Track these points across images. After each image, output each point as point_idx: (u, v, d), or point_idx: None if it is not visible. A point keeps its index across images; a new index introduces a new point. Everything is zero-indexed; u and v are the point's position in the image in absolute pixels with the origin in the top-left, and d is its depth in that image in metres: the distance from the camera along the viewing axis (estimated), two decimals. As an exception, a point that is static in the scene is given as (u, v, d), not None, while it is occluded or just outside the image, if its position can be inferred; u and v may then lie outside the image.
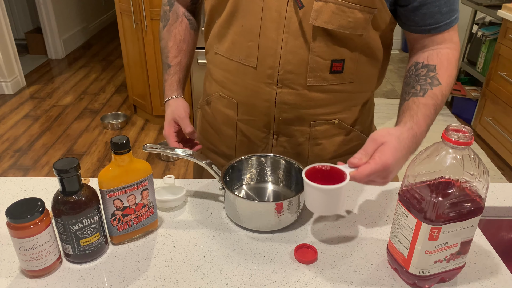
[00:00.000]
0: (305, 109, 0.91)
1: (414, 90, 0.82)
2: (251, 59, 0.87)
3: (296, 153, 0.97)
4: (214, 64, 0.96)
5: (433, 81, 0.82)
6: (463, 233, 0.65)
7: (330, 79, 0.87)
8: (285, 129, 0.94)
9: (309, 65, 0.85)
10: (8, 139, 3.07)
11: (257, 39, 0.85)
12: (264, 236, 0.80)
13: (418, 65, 0.86)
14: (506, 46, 2.74)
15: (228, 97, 0.96)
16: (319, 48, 0.84)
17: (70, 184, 0.67)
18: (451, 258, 0.67)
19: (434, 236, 0.64)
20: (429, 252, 0.65)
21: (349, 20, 0.81)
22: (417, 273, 0.68)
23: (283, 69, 0.86)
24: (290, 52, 0.84)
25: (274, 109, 0.91)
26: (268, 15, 0.82)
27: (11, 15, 4.57)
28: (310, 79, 0.86)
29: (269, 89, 0.88)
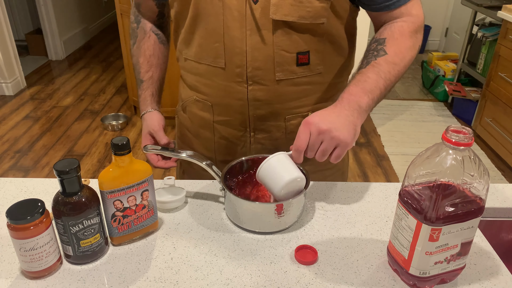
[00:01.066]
0: (278, 104, 0.92)
1: (361, 65, 0.85)
2: (219, 60, 0.88)
3: (274, 148, 0.98)
4: (186, 69, 0.97)
5: (379, 53, 0.84)
6: (464, 234, 0.65)
7: (298, 72, 0.89)
8: (261, 125, 0.95)
9: (275, 59, 0.86)
10: (9, 140, 3.07)
11: (222, 40, 0.86)
12: (265, 237, 0.80)
13: (372, 41, 0.89)
14: (506, 47, 2.74)
15: (202, 100, 0.97)
16: (283, 42, 0.85)
17: (70, 185, 0.67)
18: (452, 259, 0.67)
19: (435, 237, 0.64)
20: (430, 253, 0.65)
21: (307, 10, 0.82)
22: (417, 274, 0.67)
23: (251, 67, 0.87)
24: (255, 49, 0.85)
25: (247, 107, 0.92)
26: (229, 15, 0.83)
27: (11, 16, 4.57)
28: (279, 74, 0.88)
29: (240, 88, 0.89)
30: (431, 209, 0.62)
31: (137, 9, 1.05)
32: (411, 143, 3.05)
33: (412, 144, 3.03)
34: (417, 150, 2.91)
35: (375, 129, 3.25)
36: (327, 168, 1.04)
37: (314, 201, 0.89)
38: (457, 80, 3.56)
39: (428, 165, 0.64)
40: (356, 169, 2.75)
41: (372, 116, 3.46)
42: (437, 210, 0.62)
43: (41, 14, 4.40)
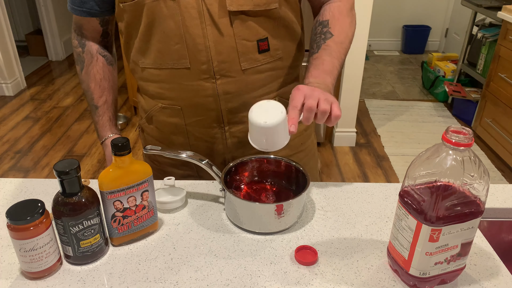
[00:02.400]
0: (247, 94, 0.93)
1: (312, 50, 0.92)
2: (183, 61, 0.88)
3: None
4: (145, 79, 0.96)
5: (326, 35, 0.91)
6: (464, 235, 0.65)
7: (261, 59, 0.91)
8: (234, 118, 0.96)
9: (238, 50, 0.87)
10: (9, 140, 3.07)
11: (183, 40, 0.86)
12: (264, 237, 0.80)
13: (316, 24, 0.95)
14: (506, 47, 2.74)
15: (170, 106, 0.96)
16: (242, 31, 0.87)
17: (70, 185, 0.67)
18: (452, 260, 0.67)
19: (435, 238, 0.64)
20: (430, 254, 0.65)
21: None
22: (417, 275, 0.67)
23: (216, 60, 0.87)
24: (217, 43, 0.86)
25: (219, 102, 0.92)
26: (187, 14, 0.84)
27: (11, 17, 4.58)
28: (244, 63, 0.89)
29: (208, 84, 0.90)
30: (431, 209, 0.62)
31: (79, 32, 1.01)
32: (411, 143, 3.05)
33: (412, 144, 3.03)
34: (417, 150, 2.91)
35: (375, 129, 3.25)
36: (300, 151, 1.06)
37: (314, 201, 0.89)
38: (457, 81, 3.56)
39: (428, 165, 0.64)
40: (356, 169, 2.75)
41: (372, 116, 3.46)
42: (437, 210, 0.62)
43: (41, 15, 4.41)
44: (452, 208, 0.62)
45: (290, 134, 0.77)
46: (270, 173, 0.93)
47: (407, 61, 4.71)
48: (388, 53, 4.92)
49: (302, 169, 0.87)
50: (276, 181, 0.93)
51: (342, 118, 2.92)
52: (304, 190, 0.81)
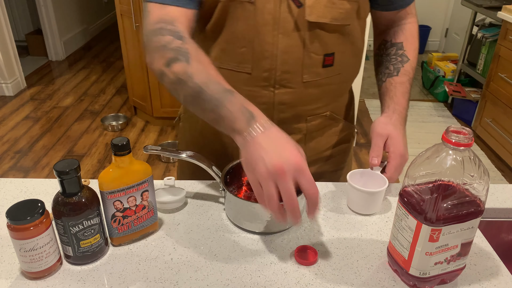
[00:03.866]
0: (301, 106, 0.92)
1: (389, 71, 0.94)
2: (245, 65, 0.86)
3: None
4: None
5: (403, 59, 0.94)
6: (464, 235, 0.65)
7: (322, 74, 0.89)
8: (283, 128, 0.92)
9: (304, 62, 0.86)
10: (9, 140, 3.07)
11: (250, 45, 0.84)
12: (264, 237, 0.80)
13: (387, 44, 0.98)
14: (506, 47, 2.74)
15: None
16: (313, 44, 0.85)
17: (70, 185, 0.67)
18: (452, 260, 0.67)
19: (435, 238, 0.64)
20: (430, 254, 0.65)
21: (340, 11, 0.83)
22: (417, 275, 0.67)
23: (280, 70, 0.86)
24: (285, 52, 0.84)
25: (272, 111, 0.91)
26: (261, 19, 0.82)
27: (11, 17, 4.58)
28: (306, 76, 0.88)
29: (266, 92, 0.88)
30: (431, 209, 0.62)
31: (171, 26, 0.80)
32: (411, 143, 3.05)
33: (412, 144, 3.04)
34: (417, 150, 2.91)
35: (375, 129, 3.25)
36: (340, 168, 1.07)
37: (314, 201, 0.89)
38: (457, 81, 3.56)
39: (428, 165, 0.64)
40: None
41: (372, 116, 3.46)
42: (437, 210, 0.62)
43: (41, 15, 4.41)
44: (452, 208, 0.62)
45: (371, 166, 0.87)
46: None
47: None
48: (388, 53, 4.91)
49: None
50: (276, 181, 0.93)
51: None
52: (304, 190, 0.81)
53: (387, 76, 0.94)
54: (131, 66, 3.19)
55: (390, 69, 0.94)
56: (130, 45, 3.07)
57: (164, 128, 3.28)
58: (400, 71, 0.93)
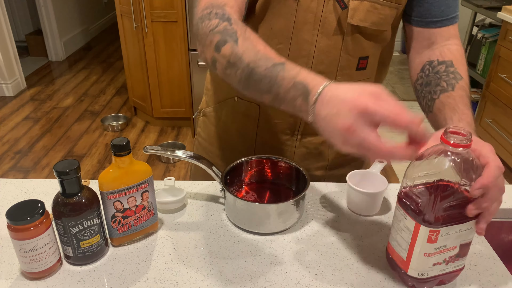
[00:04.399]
0: None
1: (441, 87, 0.81)
2: None
3: (318, 153, 0.97)
4: None
5: (456, 76, 0.82)
6: (462, 236, 0.65)
7: (355, 76, 0.89)
8: (309, 129, 0.94)
9: (339, 63, 0.85)
10: (9, 141, 3.07)
11: (288, 42, 0.84)
12: (265, 238, 0.80)
13: (433, 63, 0.85)
14: (506, 48, 2.74)
15: (248, 101, 0.93)
16: (351, 46, 0.85)
17: (70, 186, 0.67)
18: (450, 261, 0.67)
19: (433, 239, 0.63)
20: (428, 255, 0.65)
21: (380, 17, 0.82)
22: (416, 276, 0.67)
23: (315, 70, 0.84)
24: (323, 52, 0.84)
25: None
26: (302, 17, 0.81)
27: (11, 17, 4.58)
28: (339, 77, 0.87)
29: None
30: (430, 210, 0.62)
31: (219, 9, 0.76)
32: (411, 144, 3.04)
33: (412, 145, 3.03)
34: (417, 151, 2.90)
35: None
36: None
37: (314, 201, 0.89)
38: (457, 81, 3.55)
39: (426, 166, 0.63)
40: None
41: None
42: (435, 211, 0.62)
43: (41, 15, 4.41)
44: (451, 209, 0.62)
45: None
46: (270, 173, 0.93)
47: (407, 61, 4.70)
48: (388, 54, 4.92)
49: (302, 169, 0.87)
50: (276, 181, 0.93)
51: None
52: (304, 190, 0.81)
53: (440, 92, 0.81)
54: (131, 67, 3.19)
55: (443, 85, 0.81)
56: (130, 45, 3.08)
57: (164, 128, 3.28)
58: (456, 86, 0.80)
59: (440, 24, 0.86)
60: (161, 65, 2.99)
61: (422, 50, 0.89)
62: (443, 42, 0.87)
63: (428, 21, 0.86)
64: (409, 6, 0.86)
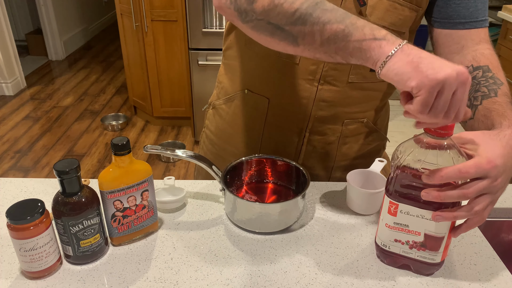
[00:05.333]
0: (341, 107, 0.91)
1: (482, 93, 0.76)
2: (295, 55, 0.84)
3: (325, 152, 0.97)
4: (244, 57, 0.91)
5: (496, 81, 0.77)
6: (426, 224, 0.67)
7: (368, 77, 0.88)
8: (318, 127, 0.93)
9: None
10: (9, 140, 3.07)
11: None
12: (265, 237, 0.80)
13: (468, 69, 0.78)
14: (507, 47, 2.74)
15: (257, 94, 0.93)
16: None
17: (70, 185, 0.67)
18: (415, 247, 0.70)
19: (392, 211, 0.69)
20: (388, 227, 0.70)
21: (399, 17, 0.81)
22: (379, 244, 0.73)
23: (328, 66, 0.84)
24: None
25: (311, 107, 0.89)
26: None
27: (11, 16, 4.58)
28: (352, 76, 0.86)
29: (309, 86, 0.87)
30: (393, 182, 0.67)
31: None
32: (411, 143, 3.05)
33: (412, 144, 3.03)
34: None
35: (375, 129, 3.25)
36: None
37: (314, 201, 0.89)
38: (457, 81, 3.55)
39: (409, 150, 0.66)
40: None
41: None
42: (394, 183, 0.67)
43: (41, 14, 4.41)
44: (410, 189, 0.66)
45: None
46: (270, 173, 0.93)
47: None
48: (388, 53, 4.91)
49: (302, 169, 0.87)
50: (276, 181, 0.93)
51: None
52: (304, 190, 0.81)
53: (481, 98, 0.75)
54: (131, 66, 3.19)
55: (484, 91, 0.76)
56: (130, 44, 3.07)
57: (164, 127, 3.28)
58: (498, 92, 0.75)
59: (469, 26, 0.82)
60: (161, 65, 2.99)
61: (452, 55, 0.84)
62: (474, 47, 0.82)
63: (457, 22, 0.82)
64: (435, 8, 0.83)
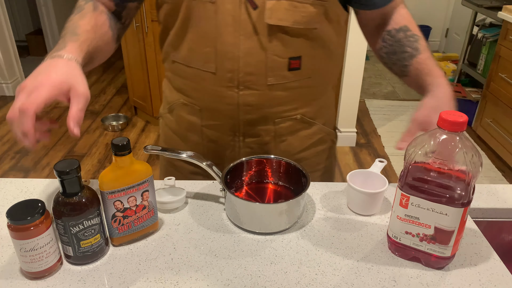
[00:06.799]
0: (268, 108, 0.92)
1: (408, 53, 0.90)
2: (210, 65, 0.87)
3: (263, 152, 0.98)
4: (173, 71, 0.95)
5: (415, 38, 0.91)
6: (437, 218, 0.68)
7: (289, 77, 0.89)
8: (251, 130, 0.95)
9: (267, 65, 0.86)
10: (9, 140, 3.07)
11: (213, 45, 0.84)
12: (265, 237, 0.80)
13: (392, 32, 0.93)
14: (507, 47, 2.74)
15: (190, 104, 0.95)
16: (276, 47, 0.84)
17: (70, 185, 0.67)
18: (425, 239, 0.71)
19: (404, 203, 0.70)
20: (400, 219, 0.72)
21: (302, 15, 0.82)
22: (391, 236, 0.75)
23: (243, 72, 0.86)
24: (248, 54, 0.84)
25: (238, 112, 0.91)
26: (223, 20, 0.82)
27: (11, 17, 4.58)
28: (270, 79, 0.87)
29: (231, 92, 0.89)
30: (404, 175, 0.69)
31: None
32: (412, 143, 3.04)
33: (413, 144, 3.03)
34: (417, 150, 2.90)
35: (375, 129, 3.25)
36: (316, 170, 1.06)
37: (314, 201, 0.89)
38: (457, 81, 3.56)
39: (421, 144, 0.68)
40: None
41: (372, 116, 3.46)
42: (406, 176, 0.69)
43: (41, 15, 4.41)
44: (423, 182, 0.67)
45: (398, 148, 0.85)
46: (270, 173, 0.93)
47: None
48: (389, 53, 4.91)
49: (302, 169, 0.87)
50: (276, 181, 0.93)
51: (342, 118, 2.92)
52: (304, 190, 0.81)
53: (409, 58, 0.90)
54: (132, 66, 3.19)
55: (408, 51, 0.90)
56: (130, 45, 3.08)
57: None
58: (420, 48, 0.89)
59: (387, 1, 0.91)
60: (161, 65, 2.99)
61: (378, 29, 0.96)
62: (394, 14, 0.94)
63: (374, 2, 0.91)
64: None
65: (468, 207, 0.67)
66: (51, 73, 0.70)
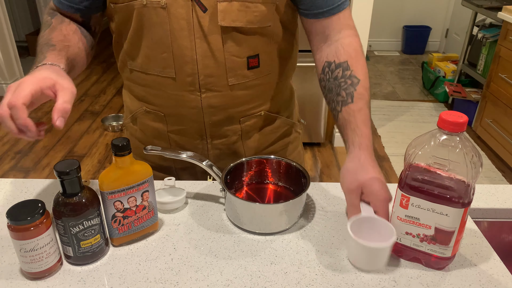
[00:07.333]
0: (232, 108, 0.92)
1: (342, 98, 0.83)
2: (169, 70, 0.86)
3: (232, 152, 0.98)
4: (132, 80, 0.94)
5: (353, 80, 0.83)
6: (437, 218, 0.68)
7: (249, 75, 0.89)
8: (217, 131, 0.95)
9: (226, 65, 0.86)
10: (9, 140, 3.07)
11: (170, 50, 0.84)
12: (265, 238, 0.80)
13: (331, 66, 0.86)
14: (507, 48, 2.74)
15: (154, 111, 0.95)
16: (232, 47, 0.85)
17: (70, 186, 0.67)
18: (425, 240, 0.71)
19: (404, 204, 0.70)
20: (400, 219, 0.72)
21: (255, 14, 0.82)
22: None
23: (203, 74, 0.86)
24: (206, 57, 0.84)
25: (202, 115, 0.91)
26: (176, 24, 0.82)
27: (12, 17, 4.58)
28: (231, 79, 0.88)
29: (193, 96, 0.89)
30: (405, 176, 0.69)
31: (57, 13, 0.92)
32: (412, 144, 3.04)
33: (413, 145, 3.03)
34: (417, 151, 2.90)
35: (375, 130, 3.25)
36: None
37: (314, 202, 0.89)
38: (457, 81, 3.56)
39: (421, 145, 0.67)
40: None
41: (372, 117, 3.45)
42: (407, 177, 0.68)
43: (41, 15, 4.41)
44: (423, 183, 0.67)
45: None
46: (270, 173, 0.93)
47: (407, 61, 4.71)
48: (389, 54, 4.92)
49: (302, 169, 0.87)
50: (276, 181, 0.93)
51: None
52: (304, 191, 0.81)
53: (341, 104, 0.82)
54: (132, 67, 3.19)
55: (343, 95, 0.82)
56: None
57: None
58: (354, 96, 0.81)
59: (328, 13, 0.85)
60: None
61: (321, 45, 0.89)
62: (336, 36, 0.86)
63: (316, 12, 0.85)
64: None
65: (468, 208, 0.67)
66: (34, 73, 0.73)
